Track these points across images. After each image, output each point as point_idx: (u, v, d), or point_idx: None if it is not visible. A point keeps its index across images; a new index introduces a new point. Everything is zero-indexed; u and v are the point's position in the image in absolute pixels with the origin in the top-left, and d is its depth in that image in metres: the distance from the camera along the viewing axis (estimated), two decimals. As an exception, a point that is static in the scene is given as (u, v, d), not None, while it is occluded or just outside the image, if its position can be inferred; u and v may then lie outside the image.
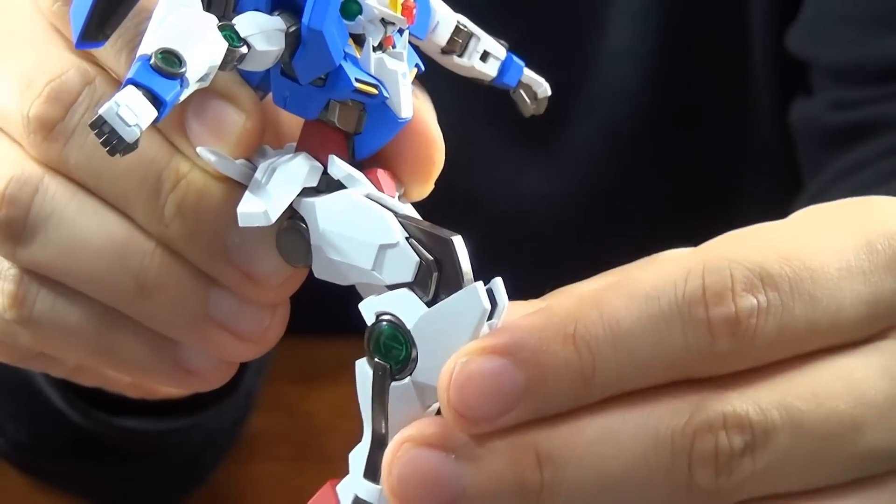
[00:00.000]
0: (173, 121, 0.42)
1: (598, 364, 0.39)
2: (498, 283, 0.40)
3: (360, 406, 0.41)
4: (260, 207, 0.41)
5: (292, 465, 0.44)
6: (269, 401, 0.73)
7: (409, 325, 0.40)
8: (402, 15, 0.41)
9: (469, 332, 0.39)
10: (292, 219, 0.42)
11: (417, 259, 0.40)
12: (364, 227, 0.40)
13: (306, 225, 0.41)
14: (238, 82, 0.42)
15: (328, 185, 0.42)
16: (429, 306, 0.40)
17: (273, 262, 0.43)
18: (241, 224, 0.41)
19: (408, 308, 0.40)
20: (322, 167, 0.42)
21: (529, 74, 0.48)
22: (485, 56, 0.46)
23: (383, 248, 0.40)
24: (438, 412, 0.41)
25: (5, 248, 0.45)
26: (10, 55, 0.45)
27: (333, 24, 0.40)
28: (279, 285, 0.44)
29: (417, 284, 0.40)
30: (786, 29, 0.80)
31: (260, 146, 0.43)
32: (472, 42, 0.46)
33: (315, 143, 0.42)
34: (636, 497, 0.39)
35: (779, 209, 0.77)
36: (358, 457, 0.42)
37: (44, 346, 0.47)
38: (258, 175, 0.41)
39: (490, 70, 0.47)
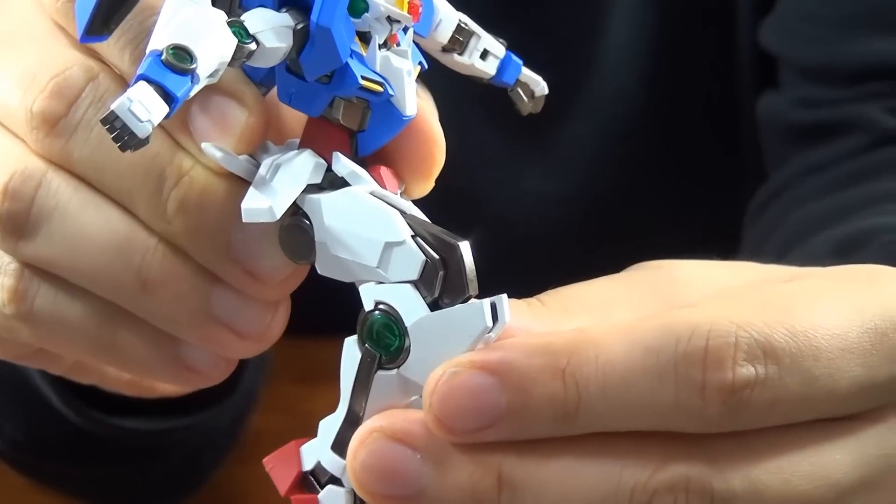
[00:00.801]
0: (176, 117, 0.42)
1: (583, 403, 0.39)
2: (503, 300, 0.40)
3: (341, 381, 0.42)
4: (264, 203, 0.41)
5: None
6: (270, 401, 0.73)
7: (407, 322, 0.40)
8: (408, 13, 0.41)
9: (466, 345, 0.40)
10: (295, 215, 0.42)
11: (423, 258, 0.40)
12: (370, 225, 0.41)
13: (310, 221, 0.41)
14: (241, 79, 0.42)
15: (332, 182, 0.42)
16: (430, 305, 0.40)
17: (275, 258, 0.43)
18: (244, 220, 0.41)
19: (409, 304, 0.40)
20: (326, 164, 0.42)
21: (527, 73, 0.48)
22: (484, 54, 0.47)
23: (389, 245, 0.40)
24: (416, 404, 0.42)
25: (6, 243, 0.44)
26: (11, 52, 0.45)
27: (341, 22, 0.40)
28: (281, 282, 0.44)
29: (422, 282, 0.40)
30: None
31: (262, 142, 0.43)
32: (473, 40, 0.46)
33: (318, 139, 0.42)
34: None
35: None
36: (328, 427, 0.42)
37: (44, 342, 0.47)
38: (262, 171, 0.41)
39: (489, 68, 0.47)
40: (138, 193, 0.43)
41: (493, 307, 0.39)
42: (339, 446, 0.42)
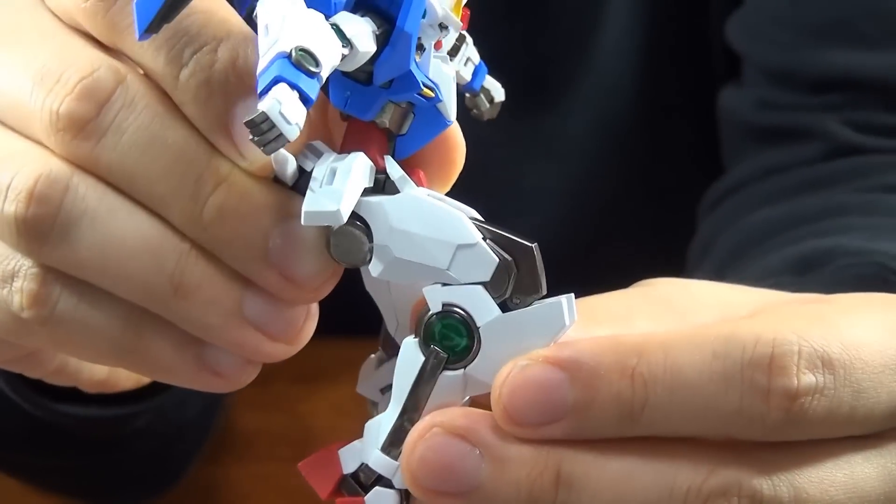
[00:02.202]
0: (215, 120, 0.42)
1: (649, 404, 0.40)
2: (572, 299, 0.41)
3: (395, 382, 0.42)
4: (330, 206, 0.40)
5: (292, 465, 0.44)
6: (270, 401, 0.73)
7: (479, 322, 0.41)
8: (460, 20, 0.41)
9: (542, 342, 0.41)
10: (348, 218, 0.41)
11: (497, 259, 0.40)
12: (440, 228, 0.41)
13: (364, 225, 0.41)
14: None
15: (376, 185, 0.42)
16: (500, 306, 0.41)
17: (314, 263, 0.43)
18: (304, 223, 0.41)
19: (481, 305, 0.41)
20: (375, 167, 0.42)
21: (489, 79, 0.48)
22: (466, 60, 0.47)
23: (462, 248, 0.41)
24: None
25: (30, 247, 0.43)
26: (20, 50, 0.44)
27: (418, 29, 0.40)
28: (319, 286, 0.43)
29: (492, 283, 0.41)
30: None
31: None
32: (464, 47, 0.46)
33: (360, 142, 0.42)
34: None
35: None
36: (376, 428, 0.42)
37: (61, 347, 0.46)
38: (317, 174, 0.41)
39: (467, 75, 0.47)
40: (173, 199, 0.42)
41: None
42: (393, 446, 0.42)
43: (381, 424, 0.42)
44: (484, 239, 0.41)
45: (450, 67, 0.42)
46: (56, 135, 0.43)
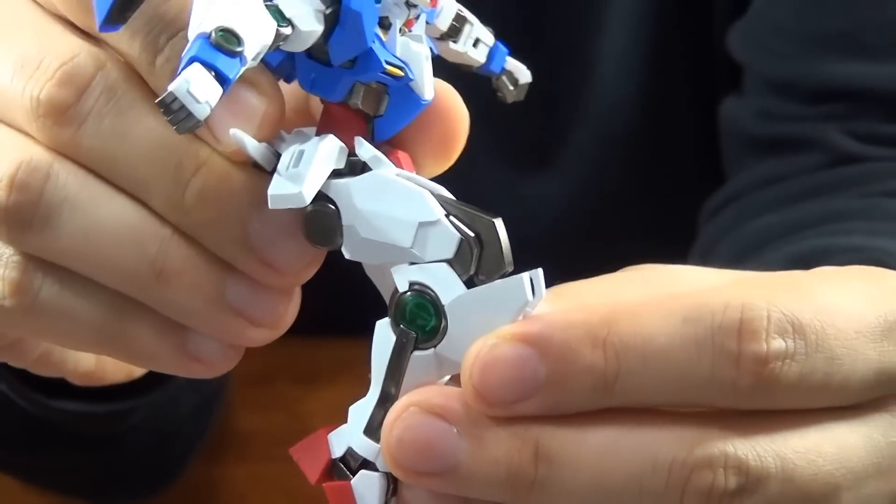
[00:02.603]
0: None
1: (622, 373, 0.39)
2: (539, 275, 0.40)
3: (372, 365, 0.42)
4: (293, 189, 0.40)
5: (291, 465, 0.44)
6: (269, 401, 0.73)
7: (444, 301, 0.40)
8: None
9: (506, 319, 0.40)
10: (318, 201, 0.41)
11: (459, 236, 0.40)
12: (403, 206, 0.41)
13: (335, 206, 0.41)
14: (258, 67, 0.42)
15: (352, 167, 0.42)
16: (466, 283, 0.40)
17: (294, 247, 0.43)
18: (271, 206, 0.41)
19: (445, 283, 0.40)
20: (347, 149, 0.42)
21: (512, 61, 0.48)
22: (475, 42, 0.47)
23: (423, 225, 0.40)
24: (450, 382, 0.42)
25: (12, 235, 0.43)
26: (4, 38, 0.44)
27: (369, 7, 0.40)
28: (298, 271, 0.43)
29: (457, 260, 0.40)
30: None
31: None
32: (467, 28, 0.46)
33: (336, 126, 0.42)
34: None
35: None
36: (359, 411, 0.42)
37: (43, 334, 0.46)
38: (285, 158, 0.41)
39: (480, 56, 0.47)
40: (154, 184, 0.42)
41: (531, 281, 0.40)
42: (373, 429, 0.42)
43: (364, 407, 0.42)
44: (447, 216, 0.40)
45: (422, 46, 0.42)
46: (37, 121, 0.43)
